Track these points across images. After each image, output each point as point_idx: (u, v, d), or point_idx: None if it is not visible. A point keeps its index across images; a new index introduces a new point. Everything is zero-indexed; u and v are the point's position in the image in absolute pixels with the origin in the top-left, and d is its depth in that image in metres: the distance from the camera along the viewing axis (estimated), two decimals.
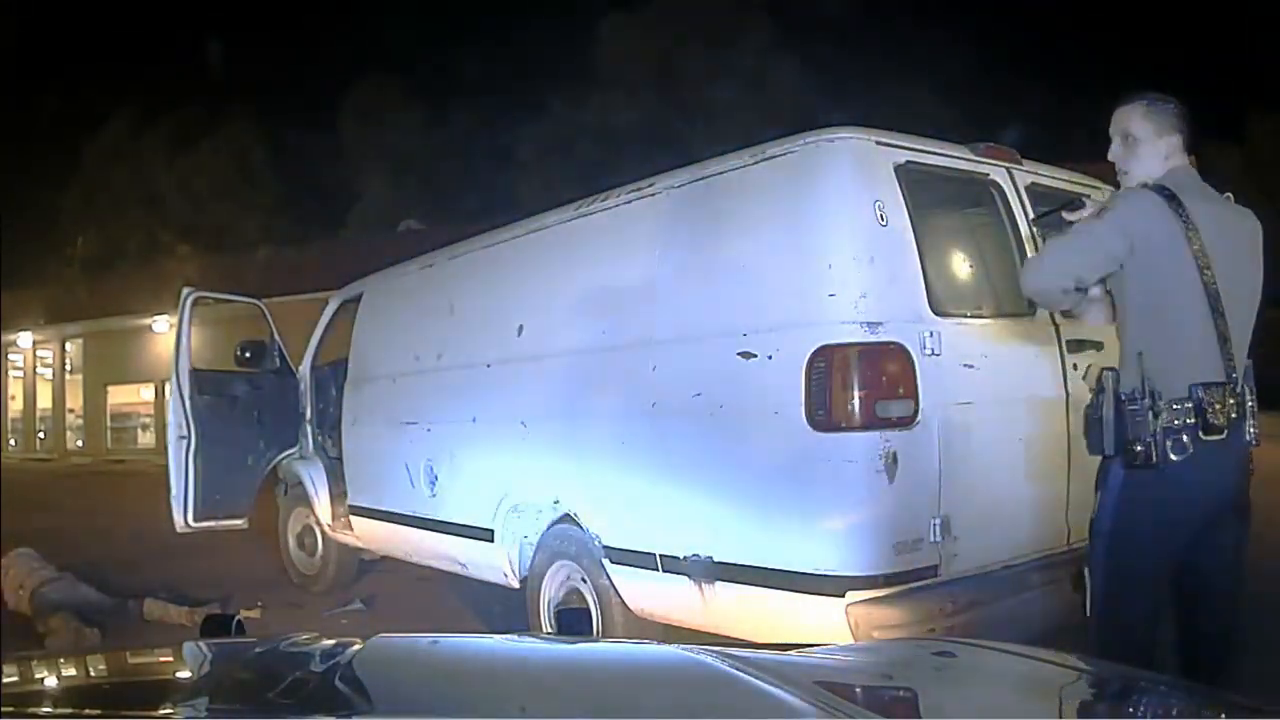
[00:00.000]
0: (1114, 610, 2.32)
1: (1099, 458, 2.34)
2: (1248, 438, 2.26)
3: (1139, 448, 2.18)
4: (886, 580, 2.73)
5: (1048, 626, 2.71)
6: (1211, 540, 2.28)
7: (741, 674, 1.24)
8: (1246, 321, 2.28)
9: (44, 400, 24.79)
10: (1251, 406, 2.25)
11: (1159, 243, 2.21)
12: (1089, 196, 2.77)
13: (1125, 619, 2.31)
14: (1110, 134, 2.43)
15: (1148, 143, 2.36)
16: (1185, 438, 2.16)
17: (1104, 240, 2.28)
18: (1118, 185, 2.51)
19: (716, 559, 3.04)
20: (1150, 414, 2.17)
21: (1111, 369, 2.29)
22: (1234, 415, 2.18)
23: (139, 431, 22.55)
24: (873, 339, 2.75)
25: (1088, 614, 2.40)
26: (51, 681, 1.43)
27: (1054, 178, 3.53)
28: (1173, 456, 2.16)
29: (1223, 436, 2.17)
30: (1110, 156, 2.44)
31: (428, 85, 29.87)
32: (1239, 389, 2.21)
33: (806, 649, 1.57)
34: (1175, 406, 2.17)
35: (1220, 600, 2.34)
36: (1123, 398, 2.22)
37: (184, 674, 1.57)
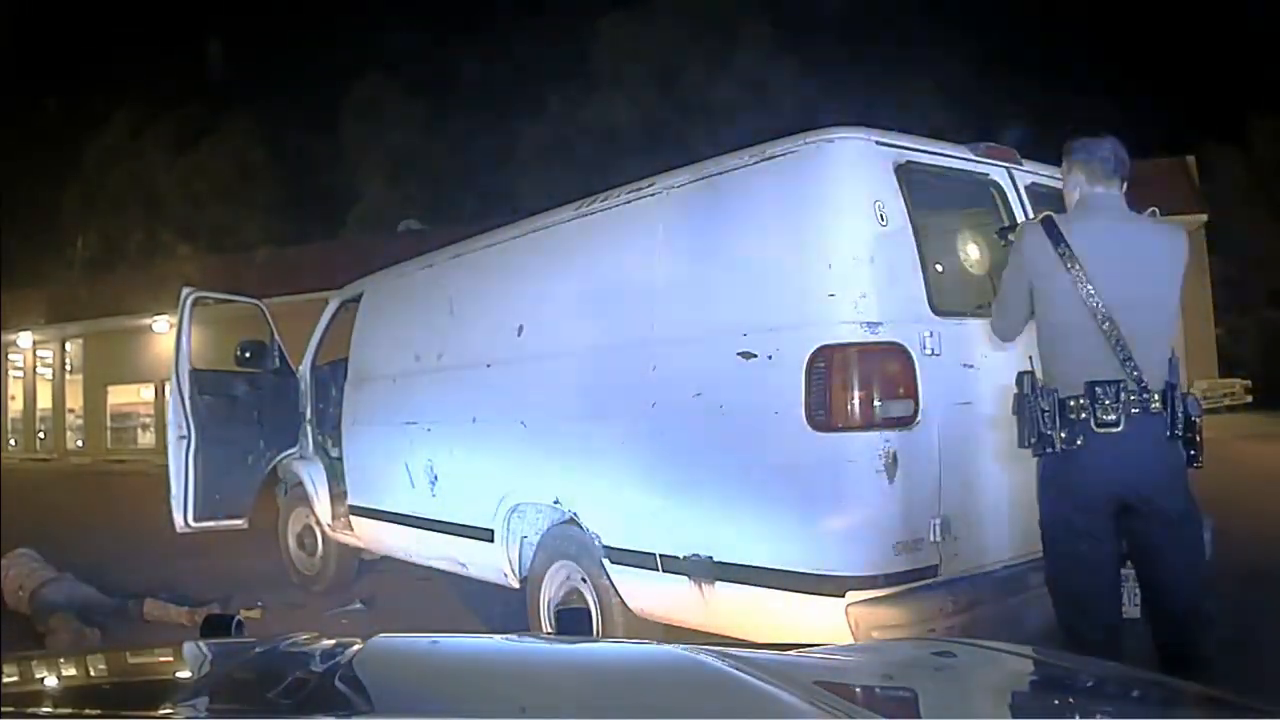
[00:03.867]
0: (1062, 596, 2.54)
1: None
2: (1170, 431, 2.40)
3: (1033, 439, 2.47)
4: (886, 580, 2.73)
5: (1047, 626, 2.71)
6: (1146, 538, 2.44)
7: (741, 674, 1.24)
8: (1154, 324, 2.48)
9: (44, 400, 24.82)
10: (1176, 400, 2.40)
11: (1038, 265, 2.51)
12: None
13: (1074, 606, 2.50)
14: None
15: (1064, 178, 2.71)
16: (1079, 430, 2.40)
17: (1017, 280, 2.63)
18: None
19: (716, 559, 3.04)
20: (1040, 410, 2.45)
21: (1028, 372, 2.54)
22: (1134, 410, 2.38)
23: (139, 431, 22.59)
24: (873, 339, 2.75)
25: None
26: (51, 681, 1.43)
27: (1054, 178, 3.52)
28: (1066, 446, 2.41)
29: (1118, 429, 2.37)
30: None
31: (428, 85, 29.83)
32: (1155, 386, 2.39)
33: (806, 649, 1.57)
34: (1072, 402, 2.41)
35: (1176, 604, 2.45)
36: (1025, 395, 2.49)
37: (184, 674, 1.57)
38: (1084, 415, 2.39)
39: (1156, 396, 2.39)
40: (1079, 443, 2.39)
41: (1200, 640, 2.43)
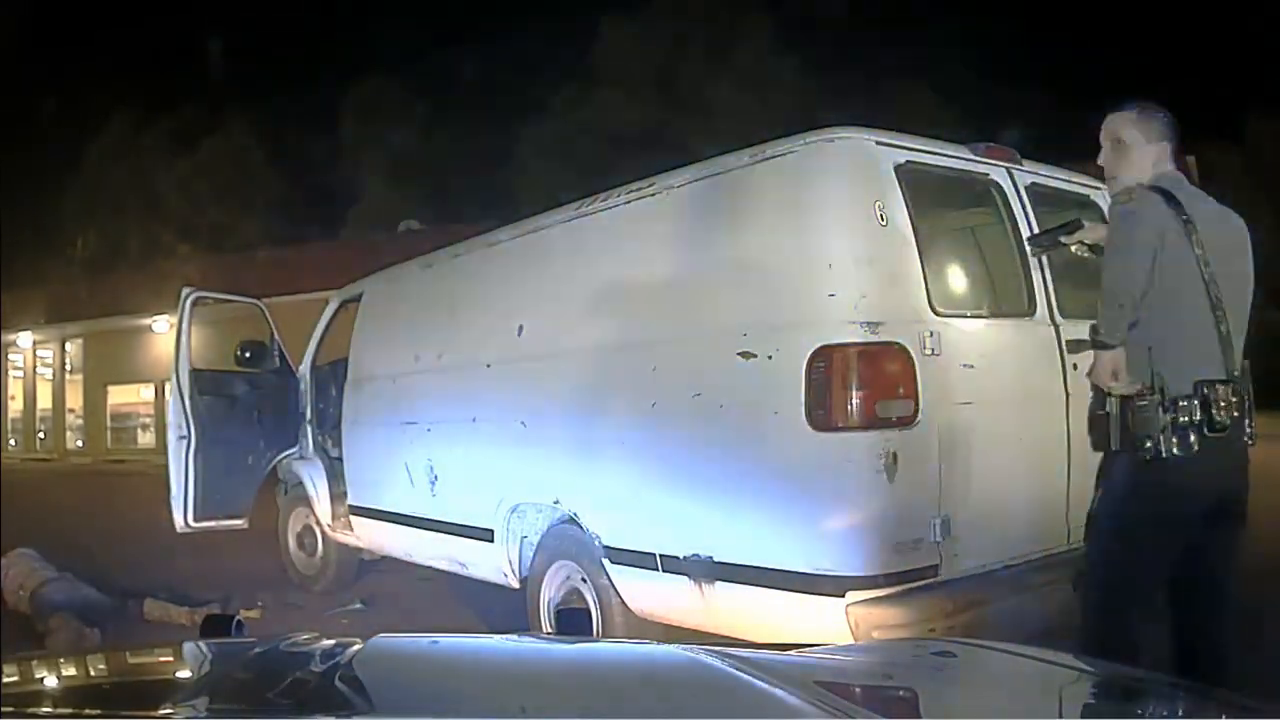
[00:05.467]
0: (1112, 605, 2.35)
1: (1098, 454, 2.39)
2: (1245, 436, 2.28)
3: (1149, 443, 2.19)
4: (887, 580, 2.73)
5: (1048, 626, 2.71)
6: (1210, 540, 2.30)
7: (741, 674, 1.24)
8: (1243, 320, 2.31)
9: (44, 400, 24.78)
10: (1249, 405, 2.27)
11: (1167, 241, 2.24)
12: (1083, 220, 2.80)
13: (1123, 614, 2.33)
14: (1101, 139, 2.49)
15: (1138, 148, 2.41)
16: (1191, 434, 2.18)
17: (1140, 254, 2.27)
18: None
19: (716, 559, 3.05)
20: (1160, 409, 2.19)
21: None
22: (1235, 413, 2.20)
23: (139, 431, 22.55)
24: (873, 339, 2.75)
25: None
26: (51, 681, 1.43)
27: (1054, 178, 3.53)
28: (1178, 452, 2.18)
29: (1225, 434, 2.19)
30: (1100, 161, 2.50)
31: (428, 85, 29.85)
32: (1240, 386, 2.24)
33: (806, 649, 1.57)
34: (1182, 403, 2.19)
35: (1218, 602, 2.36)
36: (1130, 393, 2.23)
37: (184, 674, 1.57)
38: (1197, 418, 2.17)
39: (1242, 397, 2.23)
40: (1192, 450, 2.17)
41: (1229, 637, 2.35)
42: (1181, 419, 2.18)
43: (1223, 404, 2.18)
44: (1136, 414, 2.21)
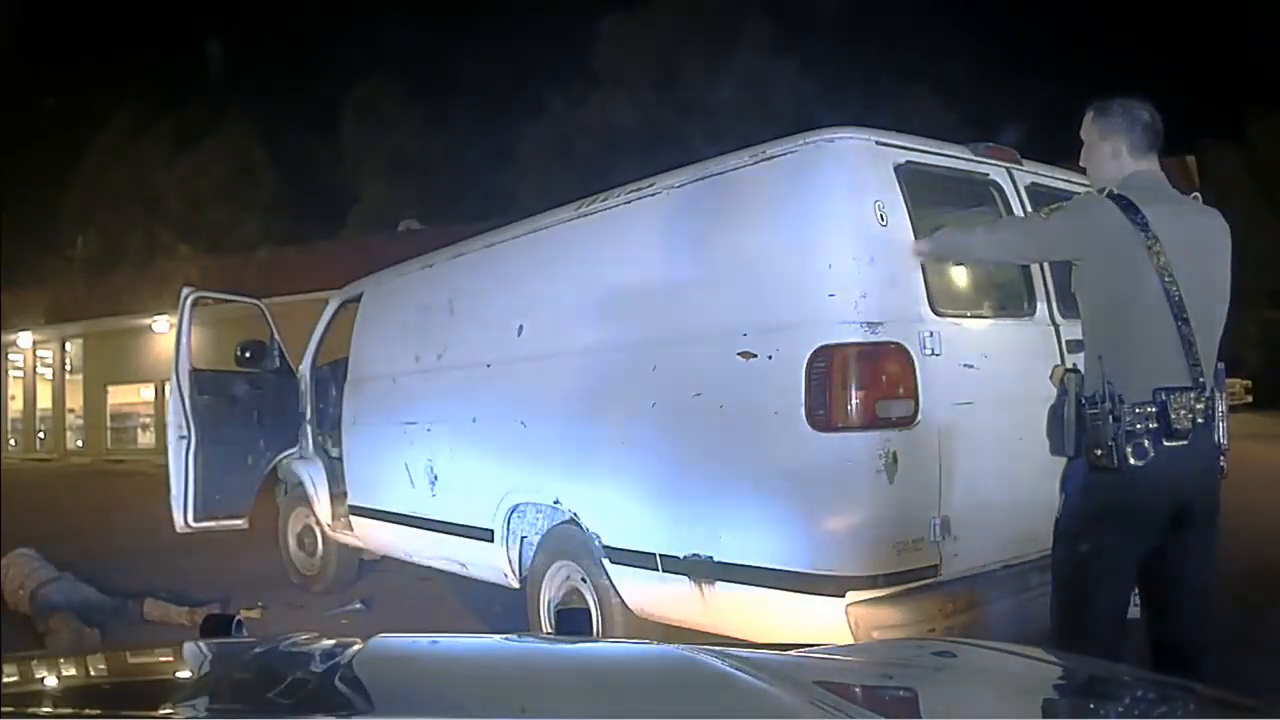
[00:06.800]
0: (1076, 610, 2.33)
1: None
2: (1216, 441, 2.26)
3: (1099, 450, 2.19)
4: (887, 580, 2.73)
5: (1048, 626, 2.71)
6: (1178, 545, 2.28)
7: (741, 674, 1.24)
8: (1215, 323, 2.29)
9: (44, 400, 24.80)
10: (1221, 410, 2.26)
11: (1115, 250, 2.23)
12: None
13: (1087, 619, 2.31)
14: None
15: (1094, 147, 2.42)
16: (1147, 442, 2.17)
17: (1047, 238, 2.43)
18: None
19: (716, 559, 3.05)
20: (1110, 417, 2.17)
21: (1075, 371, 2.30)
22: (1199, 420, 2.19)
23: (139, 431, 22.57)
24: (873, 339, 2.75)
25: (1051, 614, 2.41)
26: (51, 681, 1.43)
27: (1054, 178, 3.53)
28: (1133, 460, 2.17)
29: (1186, 441, 2.18)
30: (1080, 162, 2.51)
31: (428, 85, 29.95)
32: (1207, 393, 2.22)
33: (806, 649, 1.57)
34: (1138, 410, 2.17)
35: (1187, 608, 2.33)
36: (1083, 400, 2.23)
37: (184, 674, 1.57)
38: (1153, 425, 2.15)
39: (1210, 403, 2.21)
40: (1148, 457, 2.15)
41: (1206, 640, 2.34)
42: (1137, 427, 2.16)
43: (1183, 411, 2.16)
44: (1088, 422, 2.21)
